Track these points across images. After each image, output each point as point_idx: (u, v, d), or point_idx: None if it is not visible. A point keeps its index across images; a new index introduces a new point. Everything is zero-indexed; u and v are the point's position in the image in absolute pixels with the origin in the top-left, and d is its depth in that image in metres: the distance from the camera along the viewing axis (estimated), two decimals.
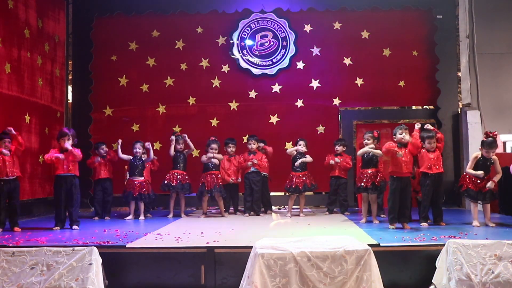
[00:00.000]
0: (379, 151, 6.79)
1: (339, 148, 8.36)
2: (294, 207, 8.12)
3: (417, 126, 6.48)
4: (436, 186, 6.63)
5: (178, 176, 7.99)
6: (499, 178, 6.46)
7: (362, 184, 6.97)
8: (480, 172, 6.36)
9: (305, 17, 10.02)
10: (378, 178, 6.94)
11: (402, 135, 6.29)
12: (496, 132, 6.54)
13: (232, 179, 8.18)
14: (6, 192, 6.29)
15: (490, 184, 6.33)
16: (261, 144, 8.28)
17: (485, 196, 6.39)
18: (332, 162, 8.24)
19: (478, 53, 9.53)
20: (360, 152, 7.08)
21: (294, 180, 7.81)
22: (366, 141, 7.11)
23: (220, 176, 7.88)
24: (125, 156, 7.84)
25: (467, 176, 6.51)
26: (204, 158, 7.89)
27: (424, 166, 6.63)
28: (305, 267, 4.36)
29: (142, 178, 7.76)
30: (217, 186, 7.72)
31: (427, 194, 6.60)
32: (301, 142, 7.95)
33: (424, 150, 6.66)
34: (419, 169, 6.74)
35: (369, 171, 6.98)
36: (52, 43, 9.15)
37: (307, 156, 7.90)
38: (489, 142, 6.37)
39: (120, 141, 7.98)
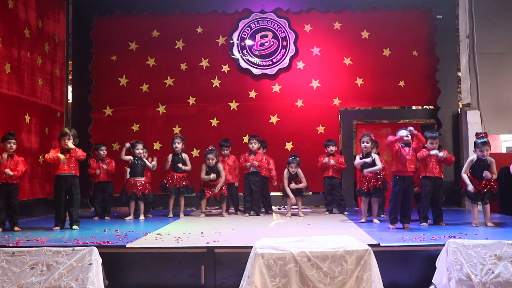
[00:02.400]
0: (379, 166, 6.88)
1: (333, 148, 8.37)
2: (293, 207, 8.11)
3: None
4: (437, 187, 6.63)
5: (176, 179, 8.03)
6: (495, 178, 6.46)
7: (363, 188, 6.97)
8: (470, 187, 6.34)
9: (305, 17, 10.03)
10: (379, 181, 6.94)
11: (408, 137, 6.19)
12: (486, 133, 6.61)
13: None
14: (4, 192, 6.29)
15: (485, 174, 6.32)
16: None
17: (483, 197, 6.39)
18: (325, 160, 8.23)
19: (478, 53, 9.54)
20: (357, 162, 7.16)
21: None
22: (365, 144, 7.09)
23: (224, 187, 7.92)
24: (126, 157, 7.84)
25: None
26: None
27: (426, 168, 6.63)
28: (305, 267, 4.36)
29: (143, 178, 7.76)
30: (225, 194, 7.88)
31: (427, 195, 6.60)
32: (293, 165, 7.84)
33: (425, 151, 6.67)
34: (422, 174, 6.72)
35: (369, 174, 6.96)
36: (52, 43, 9.15)
37: (301, 176, 7.90)
38: (481, 141, 6.39)
39: (128, 144, 7.87)
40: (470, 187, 6.34)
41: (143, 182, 7.71)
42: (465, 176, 6.48)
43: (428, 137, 6.68)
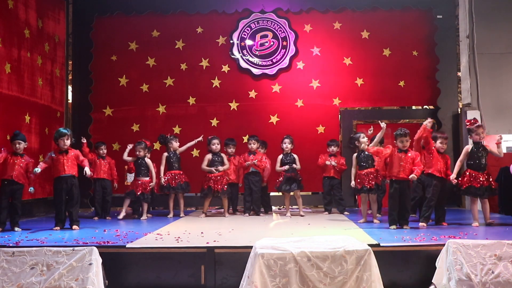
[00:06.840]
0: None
1: (334, 149, 8.37)
2: (294, 207, 8.10)
3: (428, 124, 6.50)
4: (443, 187, 6.63)
5: (176, 177, 8.03)
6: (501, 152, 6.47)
7: (361, 185, 6.97)
8: (453, 177, 6.42)
9: (305, 17, 10.03)
10: (377, 178, 6.94)
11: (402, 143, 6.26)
12: (476, 118, 6.76)
13: (228, 178, 8.11)
14: (9, 192, 6.31)
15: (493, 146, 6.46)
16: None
17: (484, 191, 6.39)
18: (328, 163, 8.25)
19: (478, 53, 9.53)
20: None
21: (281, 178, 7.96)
22: (361, 139, 7.16)
23: (225, 177, 7.91)
24: (128, 158, 7.89)
25: (467, 174, 6.50)
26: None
27: (434, 168, 6.61)
28: (305, 267, 4.36)
29: (147, 178, 7.79)
30: (224, 189, 7.79)
31: (435, 195, 6.56)
32: (287, 140, 7.94)
33: (434, 150, 6.67)
34: (427, 170, 6.68)
35: (366, 172, 6.98)
36: (52, 43, 9.15)
37: (296, 159, 7.92)
38: (475, 125, 6.48)
39: (130, 145, 7.96)
40: (453, 176, 6.41)
41: (144, 181, 7.73)
42: (457, 165, 6.54)
43: (439, 137, 6.69)
